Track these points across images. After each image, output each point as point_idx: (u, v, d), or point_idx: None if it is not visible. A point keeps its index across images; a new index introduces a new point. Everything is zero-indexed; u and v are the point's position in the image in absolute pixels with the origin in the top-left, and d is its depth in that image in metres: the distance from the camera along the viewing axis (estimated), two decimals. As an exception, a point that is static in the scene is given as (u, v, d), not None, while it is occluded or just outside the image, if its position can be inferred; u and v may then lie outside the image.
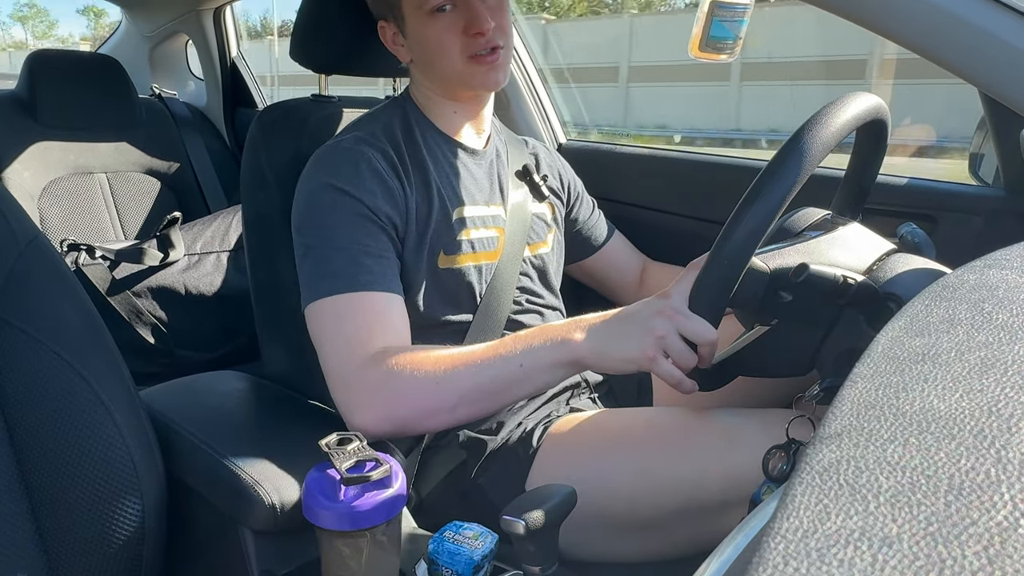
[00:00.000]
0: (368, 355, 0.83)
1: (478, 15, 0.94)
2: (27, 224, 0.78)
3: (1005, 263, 0.41)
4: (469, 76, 0.97)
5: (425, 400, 0.82)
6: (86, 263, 1.58)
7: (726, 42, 0.83)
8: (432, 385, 0.81)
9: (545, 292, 1.10)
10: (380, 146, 0.96)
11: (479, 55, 0.96)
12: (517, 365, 0.81)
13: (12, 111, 1.78)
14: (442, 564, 0.66)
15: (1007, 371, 0.29)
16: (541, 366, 0.81)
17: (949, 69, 0.72)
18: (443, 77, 1.00)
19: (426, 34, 0.96)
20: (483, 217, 1.02)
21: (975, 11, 0.69)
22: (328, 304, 0.87)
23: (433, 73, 1.00)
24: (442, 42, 0.95)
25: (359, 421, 0.82)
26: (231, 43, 2.18)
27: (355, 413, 0.83)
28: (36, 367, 0.74)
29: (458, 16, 0.95)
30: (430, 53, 0.97)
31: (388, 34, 1.02)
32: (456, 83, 1.00)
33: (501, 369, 0.81)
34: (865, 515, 0.22)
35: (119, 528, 0.75)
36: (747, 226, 0.69)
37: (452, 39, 0.95)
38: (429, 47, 0.97)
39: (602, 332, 0.80)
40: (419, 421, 0.84)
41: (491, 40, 0.96)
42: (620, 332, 0.78)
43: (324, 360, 0.87)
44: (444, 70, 0.98)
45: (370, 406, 0.82)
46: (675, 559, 0.89)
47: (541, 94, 1.64)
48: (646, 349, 0.76)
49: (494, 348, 0.83)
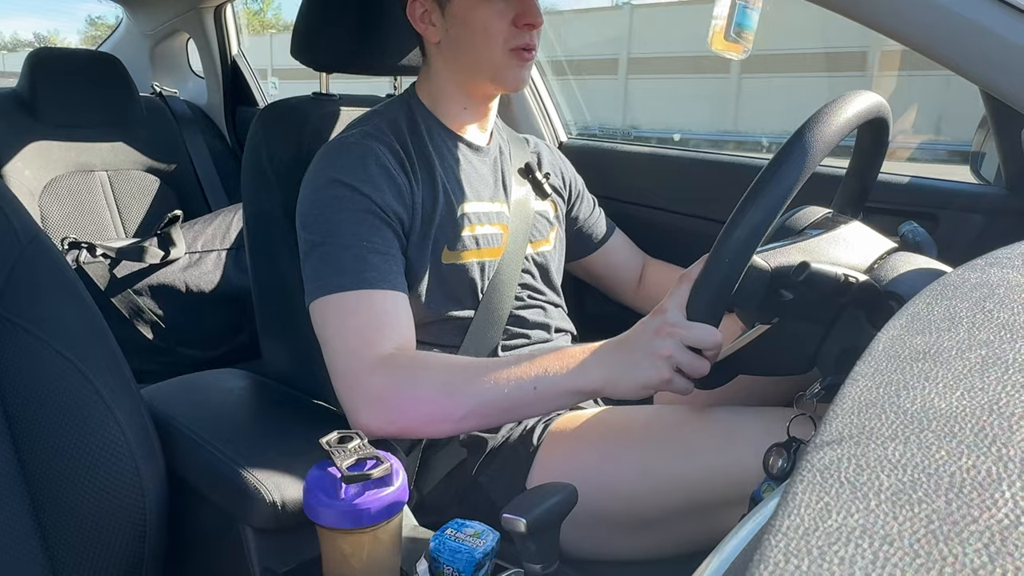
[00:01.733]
0: (377, 356, 0.83)
1: (531, 7, 0.94)
2: (28, 222, 0.78)
3: (1006, 262, 0.41)
4: (504, 69, 0.97)
5: (434, 408, 0.81)
6: (87, 261, 1.58)
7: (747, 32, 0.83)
8: (444, 395, 0.81)
9: (547, 289, 1.10)
10: (387, 141, 0.95)
11: (519, 49, 0.96)
12: (531, 388, 0.80)
13: (13, 109, 1.78)
14: (443, 562, 0.66)
15: (1008, 369, 0.29)
16: (555, 393, 0.80)
17: (950, 67, 0.72)
18: (475, 65, 0.98)
19: (474, 16, 0.95)
20: (487, 213, 1.02)
21: (976, 8, 0.68)
22: (334, 301, 0.86)
23: (464, 59, 0.98)
24: (489, 28, 0.94)
25: (364, 422, 0.82)
26: (232, 41, 2.18)
27: (360, 414, 0.82)
28: (37, 365, 0.74)
29: (510, 5, 0.94)
30: (472, 36, 0.96)
31: (418, 11, 0.99)
32: (487, 74, 0.98)
33: (514, 389, 0.80)
34: (866, 513, 0.22)
35: (120, 526, 0.75)
36: (748, 224, 0.69)
37: (500, 27, 0.94)
38: (473, 30, 0.96)
39: (613, 363, 0.78)
40: (424, 427, 0.83)
41: (534, 37, 0.96)
42: (628, 361, 0.77)
43: (329, 358, 0.86)
44: (480, 57, 0.97)
45: (377, 408, 0.82)
46: (676, 557, 0.89)
47: (542, 92, 1.64)
48: (660, 371, 0.75)
49: (509, 367, 0.82)
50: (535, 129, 1.60)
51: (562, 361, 0.81)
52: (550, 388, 0.80)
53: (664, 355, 0.75)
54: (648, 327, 0.77)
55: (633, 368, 0.77)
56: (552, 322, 1.08)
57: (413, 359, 0.84)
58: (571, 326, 1.13)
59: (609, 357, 0.79)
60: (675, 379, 0.76)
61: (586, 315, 1.38)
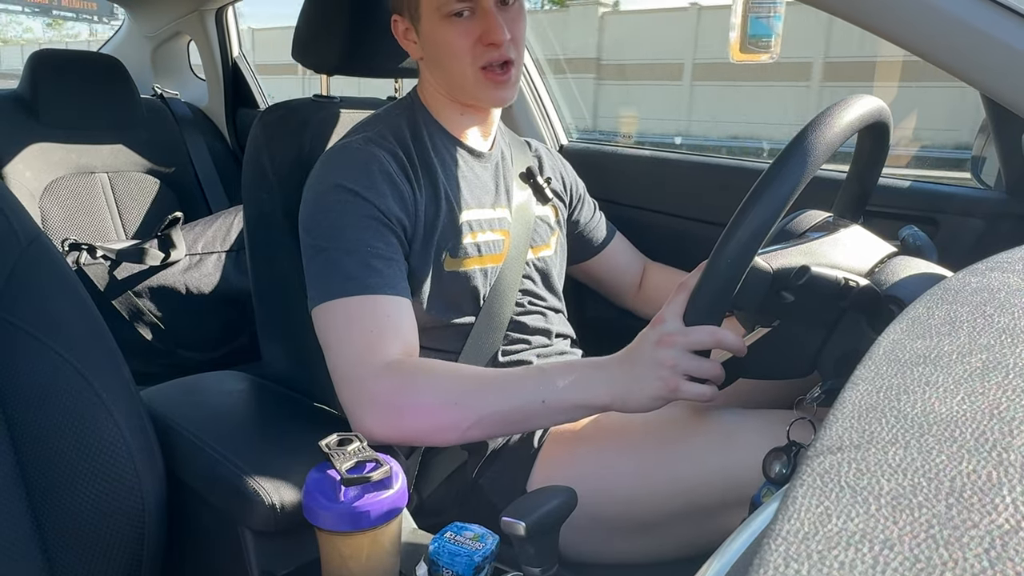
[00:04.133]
0: (383, 362, 0.82)
1: (494, 26, 0.93)
2: (29, 224, 0.78)
3: (1007, 266, 0.41)
4: (479, 90, 0.97)
5: (440, 418, 0.81)
6: (87, 263, 1.58)
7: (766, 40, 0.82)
8: (450, 404, 0.80)
9: (548, 294, 1.09)
10: (389, 147, 0.95)
11: (491, 69, 0.95)
12: (539, 401, 0.79)
13: (14, 111, 1.78)
14: (443, 565, 0.65)
15: (1008, 374, 0.29)
16: (563, 407, 0.80)
17: (950, 72, 0.72)
18: (452, 83, 0.99)
19: (439, 37, 0.95)
20: (489, 220, 1.02)
21: (976, 13, 0.69)
22: (338, 306, 0.86)
23: (443, 76, 0.99)
24: (454, 48, 0.94)
25: (367, 427, 0.81)
26: (233, 43, 2.18)
27: (364, 419, 0.82)
28: (37, 366, 0.74)
29: (474, 24, 0.94)
30: (441, 56, 0.97)
31: (400, 29, 1.01)
32: (464, 92, 0.99)
33: (523, 401, 0.80)
34: (866, 517, 0.22)
35: (119, 527, 0.75)
36: (749, 227, 0.69)
37: (465, 46, 0.94)
38: (441, 51, 0.96)
39: (619, 379, 0.78)
40: (429, 435, 0.83)
41: (504, 54, 0.95)
42: (634, 376, 0.77)
43: (333, 363, 0.85)
44: (454, 76, 0.97)
45: (383, 414, 0.81)
46: (675, 560, 0.89)
47: (542, 95, 1.64)
48: (666, 382, 0.75)
49: (518, 378, 0.82)
50: (536, 132, 1.60)
51: (571, 375, 0.80)
52: (558, 402, 0.79)
53: (668, 365, 0.74)
54: (648, 340, 0.77)
55: (639, 383, 0.76)
56: (553, 327, 1.08)
57: (420, 367, 0.84)
58: (571, 331, 1.12)
59: (615, 373, 0.78)
60: (684, 387, 0.75)
61: (586, 319, 1.38)
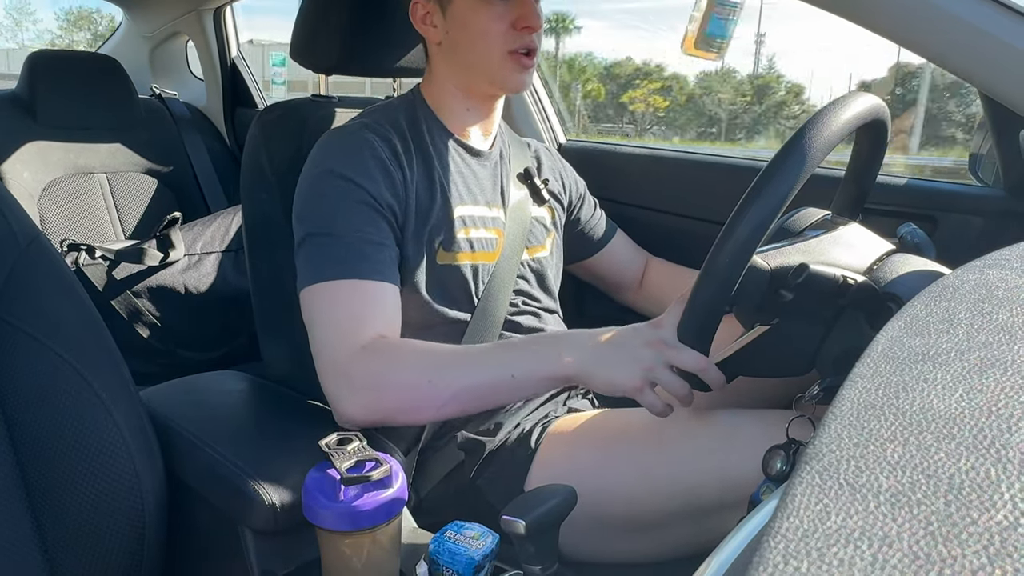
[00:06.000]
0: (360, 344, 0.83)
1: (531, 11, 0.95)
2: (28, 224, 0.78)
3: (1005, 263, 0.41)
4: (503, 73, 0.97)
5: (415, 395, 0.82)
6: (86, 263, 1.58)
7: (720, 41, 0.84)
8: (424, 381, 0.81)
9: (542, 295, 1.09)
10: (383, 133, 0.96)
11: (518, 53, 0.96)
12: (509, 375, 0.81)
13: (12, 111, 1.78)
14: (443, 564, 0.66)
15: (1007, 371, 0.29)
16: (532, 379, 0.81)
17: (950, 69, 0.72)
18: (474, 67, 0.99)
19: (473, 19, 0.95)
20: (483, 218, 1.02)
21: (975, 11, 0.69)
22: (325, 289, 0.87)
23: (464, 61, 0.99)
24: (487, 31, 0.95)
25: (345, 409, 0.82)
26: (231, 43, 2.18)
27: (342, 401, 0.83)
28: (36, 367, 0.74)
29: (509, 8, 0.95)
30: (471, 38, 0.96)
31: (420, 13, 1.00)
32: (485, 76, 0.99)
33: (494, 375, 0.81)
34: (865, 514, 0.22)
35: (119, 528, 0.75)
36: (747, 226, 0.69)
37: (499, 29, 0.95)
38: (471, 33, 0.96)
39: (594, 354, 0.79)
40: (406, 414, 0.84)
41: (533, 40, 0.96)
42: (610, 358, 0.78)
43: (315, 345, 0.86)
44: (479, 60, 0.97)
45: (358, 395, 0.82)
46: (675, 559, 0.89)
47: (541, 95, 1.64)
48: (634, 379, 0.77)
49: (489, 353, 0.84)
50: (534, 131, 1.60)
51: (539, 348, 0.82)
52: (527, 374, 0.81)
53: (644, 367, 0.76)
54: (640, 334, 0.78)
55: (611, 367, 0.78)
56: (547, 328, 1.08)
57: (393, 346, 0.85)
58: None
59: (591, 347, 0.80)
60: (645, 392, 0.77)
61: (585, 317, 1.38)
